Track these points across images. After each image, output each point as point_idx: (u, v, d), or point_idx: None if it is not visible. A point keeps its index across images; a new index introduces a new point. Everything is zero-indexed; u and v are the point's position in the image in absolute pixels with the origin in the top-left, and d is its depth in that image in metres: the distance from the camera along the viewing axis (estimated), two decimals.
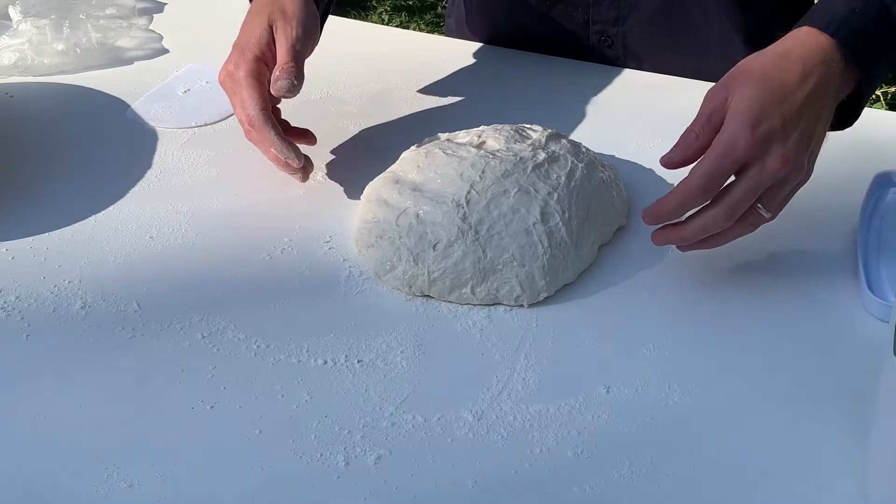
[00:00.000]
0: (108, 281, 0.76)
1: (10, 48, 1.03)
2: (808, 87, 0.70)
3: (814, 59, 0.71)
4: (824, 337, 0.72)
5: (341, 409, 0.66)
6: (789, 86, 0.70)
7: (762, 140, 0.68)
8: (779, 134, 0.68)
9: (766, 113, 0.68)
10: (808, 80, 0.70)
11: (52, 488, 0.61)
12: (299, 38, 0.82)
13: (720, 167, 0.69)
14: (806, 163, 0.70)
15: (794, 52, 0.72)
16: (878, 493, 0.58)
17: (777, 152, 0.68)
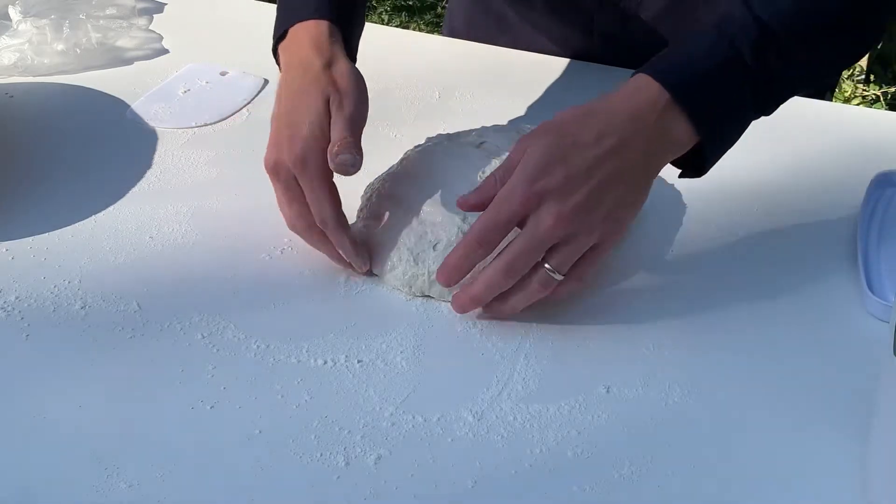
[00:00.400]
0: (108, 281, 0.76)
1: (10, 48, 1.03)
2: (605, 145, 0.67)
3: (628, 115, 0.68)
4: (824, 337, 0.72)
5: (341, 409, 0.66)
6: (582, 143, 0.67)
7: (537, 196, 0.66)
8: (557, 192, 0.66)
9: (548, 169, 0.66)
10: (606, 139, 0.67)
11: (52, 488, 0.61)
12: (357, 110, 0.75)
13: (494, 220, 0.67)
14: (599, 225, 0.67)
15: (607, 107, 0.69)
16: (879, 492, 0.58)
17: (551, 210, 0.66)
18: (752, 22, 0.69)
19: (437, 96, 0.99)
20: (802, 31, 0.70)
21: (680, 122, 0.69)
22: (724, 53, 0.69)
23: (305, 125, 0.73)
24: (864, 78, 2.41)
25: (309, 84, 0.75)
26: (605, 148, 0.67)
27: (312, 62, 0.76)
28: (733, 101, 0.70)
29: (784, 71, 0.70)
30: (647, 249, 0.78)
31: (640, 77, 0.70)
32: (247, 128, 0.95)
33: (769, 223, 0.81)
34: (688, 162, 0.72)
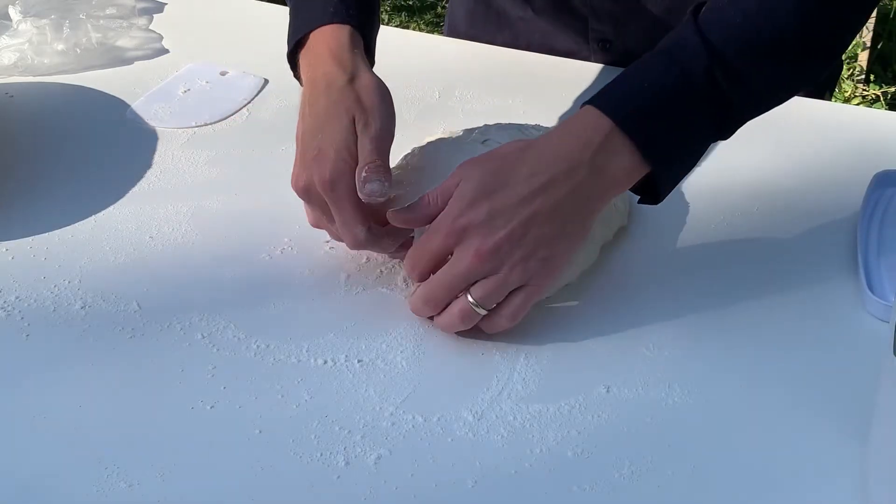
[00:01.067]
0: (108, 281, 0.76)
1: (10, 48, 1.03)
2: (533, 183, 0.66)
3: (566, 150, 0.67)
4: (824, 337, 0.72)
5: (341, 409, 0.66)
6: (512, 180, 0.66)
7: (459, 231, 0.66)
8: (478, 228, 0.66)
9: (474, 204, 0.66)
10: (536, 177, 0.66)
11: (52, 488, 0.61)
12: (383, 128, 0.73)
13: (422, 250, 0.68)
14: (522, 263, 0.66)
15: (546, 142, 0.68)
16: (879, 492, 0.58)
17: (472, 246, 0.66)
18: (702, 47, 0.67)
19: (437, 96, 0.99)
20: (754, 52, 0.68)
21: (625, 153, 0.67)
22: (674, 80, 0.67)
23: (332, 147, 0.71)
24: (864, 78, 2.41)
25: (334, 103, 0.73)
26: (534, 186, 0.66)
27: (336, 78, 0.74)
28: (685, 127, 0.68)
29: (738, 95, 0.68)
30: (647, 249, 0.78)
31: (585, 109, 0.69)
32: (247, 128, 0.95)
33: (769, 223, 0.81)
34: (644, 189, 0.71)
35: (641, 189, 0.71)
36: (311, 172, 0.72)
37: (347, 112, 0.72)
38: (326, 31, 0.77)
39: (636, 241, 0.80)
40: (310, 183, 0.72)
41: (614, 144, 0.67)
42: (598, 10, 1.02)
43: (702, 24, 0.68)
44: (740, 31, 0.68)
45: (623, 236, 0.80)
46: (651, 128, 0.67)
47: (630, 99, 0.68)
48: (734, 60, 0.67)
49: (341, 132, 0.72)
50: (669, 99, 0.67)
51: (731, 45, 0.67)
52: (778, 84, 0.71)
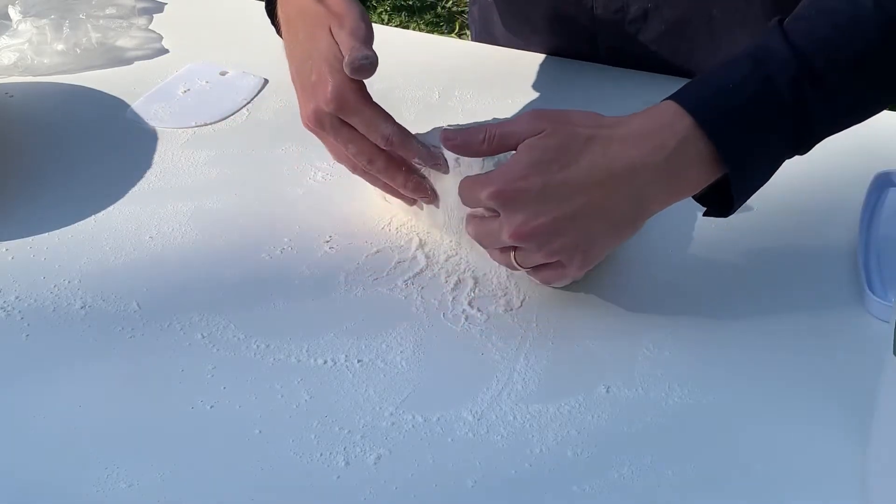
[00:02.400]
0: (108, 281, 0.76)
1: (10, 48, 1.03)
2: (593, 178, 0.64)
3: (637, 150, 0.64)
4: (824, 337, 0.72)
5: (341, 409, 0.66)
6: (575, 164, 0.64)
7: (509, 196, 0.65)
8: (527, 203, 0.65)
9: (529, 174, 0.65)
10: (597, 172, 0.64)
11: (52, 488, 0.61)
12: (356, 24, 0.71)
13: (472, 195, 0.68)
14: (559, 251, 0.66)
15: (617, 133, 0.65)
16: (879, 492, 0.58)
17: (515, 221, 0.65)
18: (790, 55, 0.64)
19: (437, 96, 0.99)
20: (843, 65, 0.65)
21: (701, 155, 0.65)
22: (759, 86, 0.64)
23: (325, 64, 0.70)
24: None
25: (311, 26, 0.73)
26: (593, 178, 0.65)
27: (306, 4, 0.74)
28: (765, 136, 0.65)
29: (821, 108, 0.66)
30: (647, 249, 0.78)
31: (665, 104, 0.66)
32: (247, 128, 0.95)
33: (769, 223, 0.81)
34: (711, 199, 0.69)
35: (711, 200, 0.69)
36: (316, 97, 0.71)
37: (324, 27, 0.72)
38: None
39: (636, 240, 0.80)
40: (318, 109, 0.71)
41: (691, 145, 0.64)
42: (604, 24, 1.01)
43: (789, 32, 0.66)
44: (830, 43, 0.65)
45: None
46: (732, 130, 0.65)
47: (713, 98, 0.65)
48: (823, 72, 0.65)
49: (327, 47, 0.71)
50: (753, 104, 0.65)
51: (820, 57, 0.65)
52: (861, 101, 0.69)
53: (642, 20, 0.99)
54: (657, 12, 0.99)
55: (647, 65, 1.02)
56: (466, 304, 0.74)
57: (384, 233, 0.81)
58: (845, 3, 0.67)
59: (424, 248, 0.79)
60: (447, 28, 2.69)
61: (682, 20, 0.99)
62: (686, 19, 0.99)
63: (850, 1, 0.66)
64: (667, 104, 0.66)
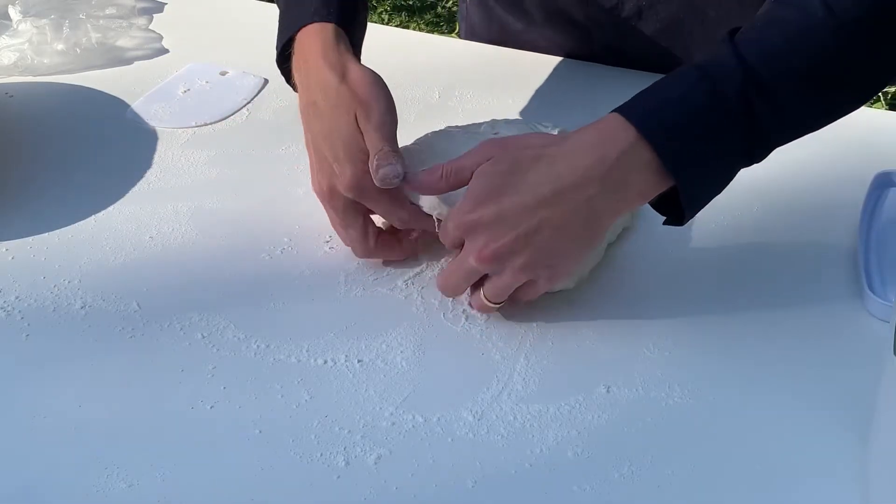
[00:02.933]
0: (108, 281, 0.76)
1: (10, 48, 1.03)
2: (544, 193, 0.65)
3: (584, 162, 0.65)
4: (824, 337, 0.72)
5: (341, 409, 0.66)
6: (524, 186, 0.66)
7: (467, 226, 0.67)
8: (484, 229, 0.66)
9: (480, 204, 0.67)
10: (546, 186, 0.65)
11: (52, 488, 0.61)
12: (383, 116, 0.73)
13: (443, 234, 0.70)
14: (527, 268, 0.67)
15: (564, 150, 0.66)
16: (879, 493, 0.58)
17: (475, 247, 0.67)
18: (738, 66, 0.65)
19: (437, 96, 0.99)
20: (793, 76, 0.65)
21: (647, 165, 0.65)
22: (706, 98, 0.65)
23: (345, 151, 0.72)
24: None
25: (333, 106, 0.74)
26: (540, 196, 0.66)
27: (329, 79, 0.74)
28: (713, 146, 0.66)
29: (771, 118, 0.65)
30: (647, 249, 0.78)
31: (610, 116, 0.67)
32: (247, 128, 0.95)
33: (769, 223, 0.81)
34: (668, 209, 0.70)
35: (665, 209, 0.70)
36: (332, 177, 0.73)
37: (348, 111, 0.73)
38: (310, 30, 0.77)
39: (637, 241, 0.80)
40: (333, 188, 0.73)
41: (636, 156, 0.65)
42: (600, 23, 1.01)
43: (739, 44, 0.66)
44: (779, 54, 0.66)
45: (627, 237, 0.80)
46: (677, 141, 0.65)
47: (658, 110, 0.66)
48: (771, 83, 0.65)
49: (350, 133, 0.72)
50: (699, 115, 0.65)
51: (768, 68, 0.65)
52: (813, 111, 0.69)
53: (636, 18, 1.00)
54: (651, 10, 0.99)
55: (644, 63, 1.02)
56: (466, 304, 0.74)
57: None
58: (795, 12, 0.66)
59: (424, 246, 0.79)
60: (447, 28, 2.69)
61: (676, 19, 0.99)
62: (680, 18, 0.99)
63: (801, 10, 0.66)
64: (612, 117, 0.67)
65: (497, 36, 1.10)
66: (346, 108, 0.73)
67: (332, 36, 0.77)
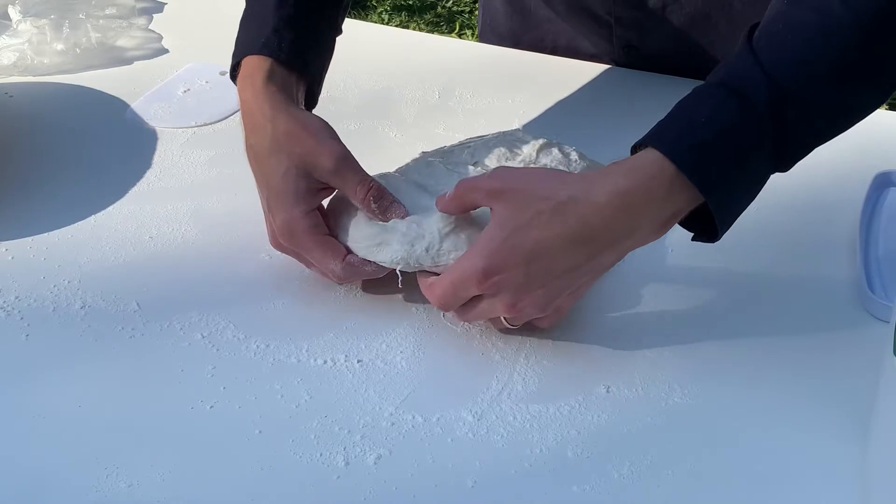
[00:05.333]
0: (108, 281, 0.76)
1: (9, 48, 1.03)
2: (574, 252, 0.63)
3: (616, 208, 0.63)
4: (824, 337, 0.72)
5: (341, 409, 0.66)
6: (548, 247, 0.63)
7: (492, 288, 0.64)
8: (514, 286, 0.64)
9: (506, 265, 0.64)
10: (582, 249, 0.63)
11: (52, 488, 0.61)
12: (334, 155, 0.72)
13: (453, 294, 0.66)
14: (552, 305, 0.66)
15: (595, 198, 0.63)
16: (879, 493, 0.58)
17: (505, 301, 0.65)
18: (762, 78, 0.63)
19: (437, 96, 0.99)
20: (817, 80, 0.64)
21: (683, 195, 0.63)
22: (734, 116, 0.63)
23: (274, 195, 0.72)
24: None
25: (267, 152, 0.73)
26: (574, 255, 0.64)
27: (261, 125, 0.73)
28: (745, 163, 0.64)
29: (801, 127, 0.64)
30: (647, 249, 0.78)
31: (642, 155, 0.64)
32: None
33: (769, 223, 0.81)
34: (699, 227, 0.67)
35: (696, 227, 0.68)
36: (272, 227, 0.73)
37: (279, 158, 0.72)
38: (253, 62, 0.76)
39: None
40: (274, 240, 0.74)
41: (674, 194, 0.63)
42: (622, 18, 1.01)
43: (759, 52, 0.64)
44: (802, 60, 0.64)
45: None
46: (710, 165, 0.63)
47: (689, 136, 0.63)
48: (798, 91, 0.63)
49: (278, 179, 0.72)
50: (730, 135, 0.63)
51: (793, 76, 0.63)
52: (842, 112, 0.67)
53: (661, 14, 0.99)
54: (676, 5, 0.98)
55: (661, 64, 1.02)
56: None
57: None
58: (813, 13, 0.64)
59: None
60: (447, 28, 2.69)
61: (702, 14, 0.98)
62: (705, 13, 0.98)
63: (818, 11, 0.64)
64: (645, 155, 0.64)
65: (519, 26, 1.09)
66: (283, 162, 0.72)
67: (272, 77, 0.75)
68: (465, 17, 2.74)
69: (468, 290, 0.66)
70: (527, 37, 1.08)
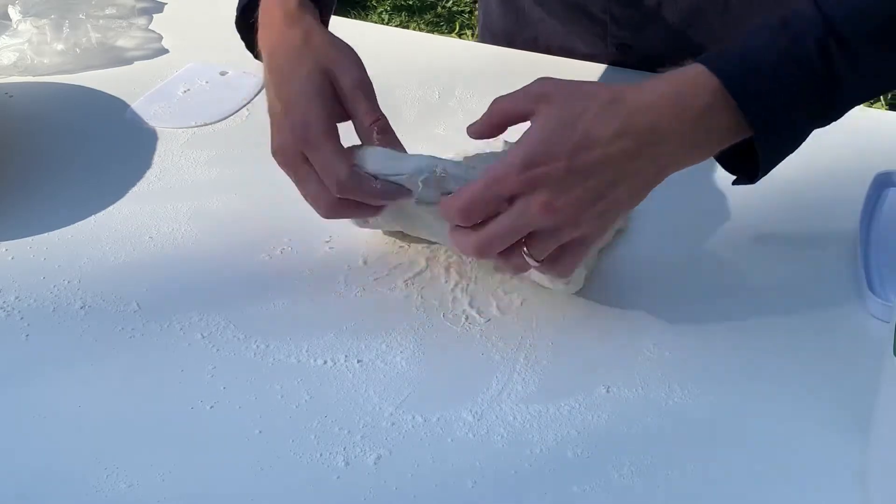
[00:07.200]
0: (108, 281, 0.76)
1: (9, 48, 1.03)
2: (619, 146, 0.62)
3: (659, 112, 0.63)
4: (824, 337, 0.72)
5: (341, 409, 0.66)
6: (595, 137, 0.62)
7: (531, 182, 0.62)
8: (554, 182, 0.62)
9: (550, 156, 0.62)
10: (623, 140, 0.62)
11: (52, 488, 0.61)
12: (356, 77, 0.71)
13: (482, 197, 0.63)
14: (587, 220, 0.64)
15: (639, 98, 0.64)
16: (879, 492, 0.58)
17: (542, 199, 0.62)
18: (818, 18, 0.64)
19: (437, 96, 0.99)
20: (871, 32, 0.65)
21: (727, 118, 0.64)
22: (785, 46, 0.64)
23: (293, 95, 0.70)
24: None
25: (295, 65, 0.71)
26: (619, 149, 0.63)
27: (292, 43, 0.73)
28: (791, 96, 0.65)
29: (848, 73, 0.65)
30: (647, 249, 0.78)
31: (691, 67, 0.65)
32: (247, 128, 0.95)
33: (769, 223, 0.81)
34: (740, 166, 0.69)
35: (737, 167, 0.69)
36: (283, 131, 0.70)
37: (309, 68, 0.71)
38: None
39: (635, 241, 0.80)
40: (283, 142, 0.70)
41: (718, 109, 0.64)
42: (617, 16, 1.01)
43: None
44: (860, 9, 0.65)
45: (622, 239, 0.80)
46: (757, 89, 0.64)
47: (740, 60, 0.65)
48: (850, 37, 0.64)
49: (305, 82, 0.70)
50: (779, 64, 0.64)
51: (848, 21, 0.64)
52: (889, 69, 0.68)
53: (656, 10, 0.99)
54: (671, 1, 0.98)
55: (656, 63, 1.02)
56: (466, 304, 0.74)
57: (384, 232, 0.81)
58: None
59: (424, 248, 0.79)
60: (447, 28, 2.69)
61: (697, 9, 0.98)
62: (701, 8, 0.98)
63: None
64: (693, 67, 0.65)
65: (513, 27, 1.10)
66: (308, 64, 0.71)
67: (303, 2, 0.75)
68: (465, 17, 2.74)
69: (503, 187, 0.63)
70: (521, 37, 1.09)
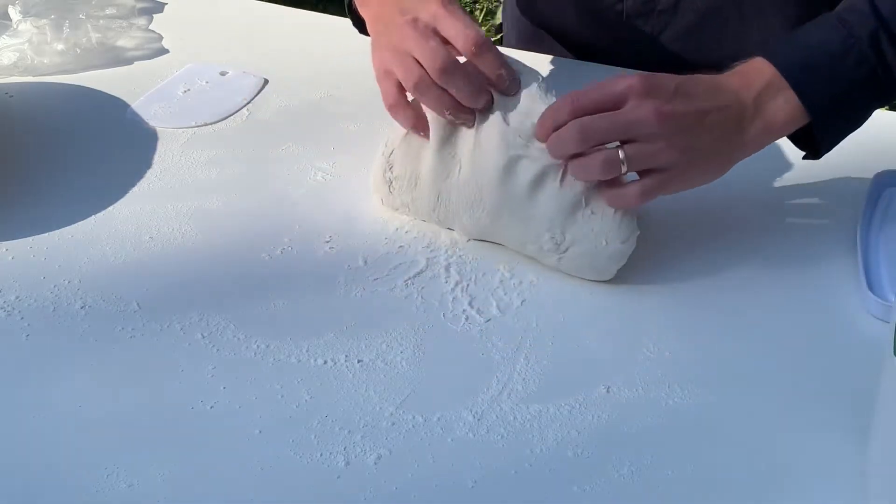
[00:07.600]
0: (108, 281, 0.76)
1: (9, 48, 1.03)
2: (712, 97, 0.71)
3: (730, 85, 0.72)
4: (825, 337, 0.72)
5: (341, 409, 0.66)
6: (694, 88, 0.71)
7: (646, 87, 0.69)
8: (665, 92, 0.69)
9: (661, 79, 0.70)
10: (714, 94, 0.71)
11: (52, 488, 0.61)
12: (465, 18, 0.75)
13: (597, 90, 0.70)
14: (681, 151, 0.70)
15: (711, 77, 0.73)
16: (879, 492, 0.58)
17: (652, 104, 0.69)
18: (870, 12, 0.73)
19: None
20: None
21: (784, 97, 0.72)
22: (838, 38, 0.73)
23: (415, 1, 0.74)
24: None
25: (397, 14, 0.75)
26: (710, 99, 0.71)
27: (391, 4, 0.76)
28: (846, 83, 0.73)
29: None
30: (647, 249, 0.78)
31: (753, 60, 0.74)
32: (247, 128, 0.95)
33: (769, 222, 0.81)
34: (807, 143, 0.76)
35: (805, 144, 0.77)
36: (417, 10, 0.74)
37: None
38: None
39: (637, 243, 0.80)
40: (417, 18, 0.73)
41: (775, 89, 0.72)
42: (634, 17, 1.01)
43: None
44: None
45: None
46: (810, 77, 0.72)
47: (795, 51, 0.74)
48: None
49: None
50: (831, 54, 0.73)
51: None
52: None
53: (672, 11, 0.99)
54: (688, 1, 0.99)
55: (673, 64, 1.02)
56: (466, 304, 0.74)
57: (384, 233, 0.81)
58: None
59: (425, 248, 0.79)
60: None
61: (713, 8, 0.99)
62: (717, 7, 0.99)
63: None
64: (755, 59, 0.74)
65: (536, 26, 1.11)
66: None
67: None
68: None
69: (618, 86, 0.70)
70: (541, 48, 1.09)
